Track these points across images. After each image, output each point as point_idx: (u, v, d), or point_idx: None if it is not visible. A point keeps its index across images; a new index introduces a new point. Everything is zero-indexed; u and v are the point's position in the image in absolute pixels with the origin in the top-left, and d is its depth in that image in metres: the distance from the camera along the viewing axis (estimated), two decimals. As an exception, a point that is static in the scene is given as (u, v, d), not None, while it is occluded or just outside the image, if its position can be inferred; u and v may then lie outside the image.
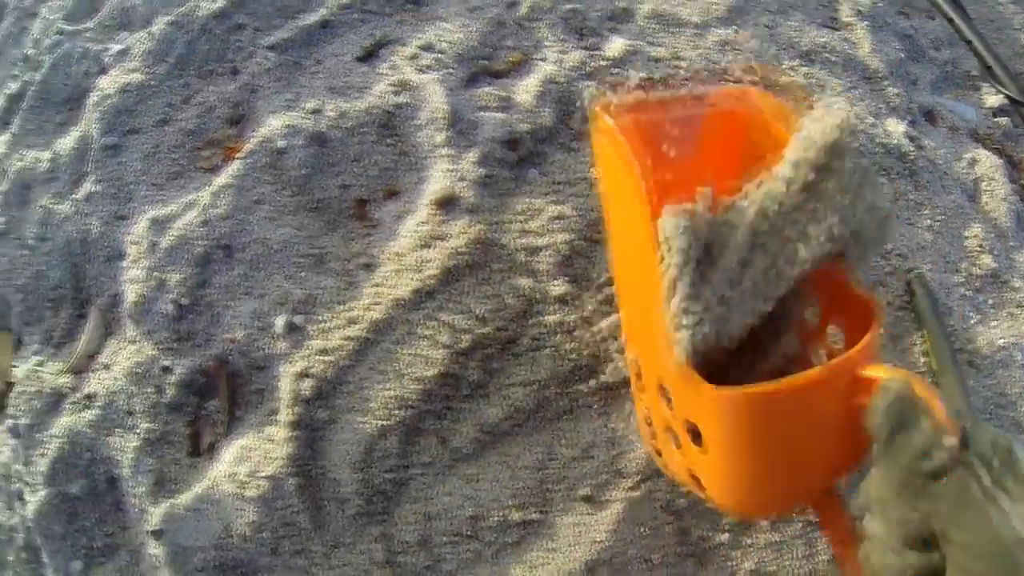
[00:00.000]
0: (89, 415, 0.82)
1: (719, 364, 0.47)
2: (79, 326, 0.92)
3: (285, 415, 0.67)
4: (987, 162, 0.98)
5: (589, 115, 0.52)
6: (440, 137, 0.78)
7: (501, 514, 0.62)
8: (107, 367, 0.84)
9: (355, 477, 0.65)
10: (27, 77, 1.16)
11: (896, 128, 0.93)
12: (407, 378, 0.64)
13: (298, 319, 0.71)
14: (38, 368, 0.89)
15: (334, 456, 0.66)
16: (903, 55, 1.08)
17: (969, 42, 0.99)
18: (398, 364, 0.66)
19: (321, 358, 0.67)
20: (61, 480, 0.83)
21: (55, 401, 0.86)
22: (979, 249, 0.88)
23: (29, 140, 1.05)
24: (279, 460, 0.67)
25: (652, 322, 0.46)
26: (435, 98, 0.80)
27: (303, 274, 0.74)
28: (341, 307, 0.70)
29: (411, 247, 0.70)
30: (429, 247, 0.69)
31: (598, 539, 0.64)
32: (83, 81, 1.07)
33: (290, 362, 0.69)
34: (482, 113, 0.80)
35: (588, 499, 0.65)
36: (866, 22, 1.06)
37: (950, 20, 1.01)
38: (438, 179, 0.74)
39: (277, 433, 0.68)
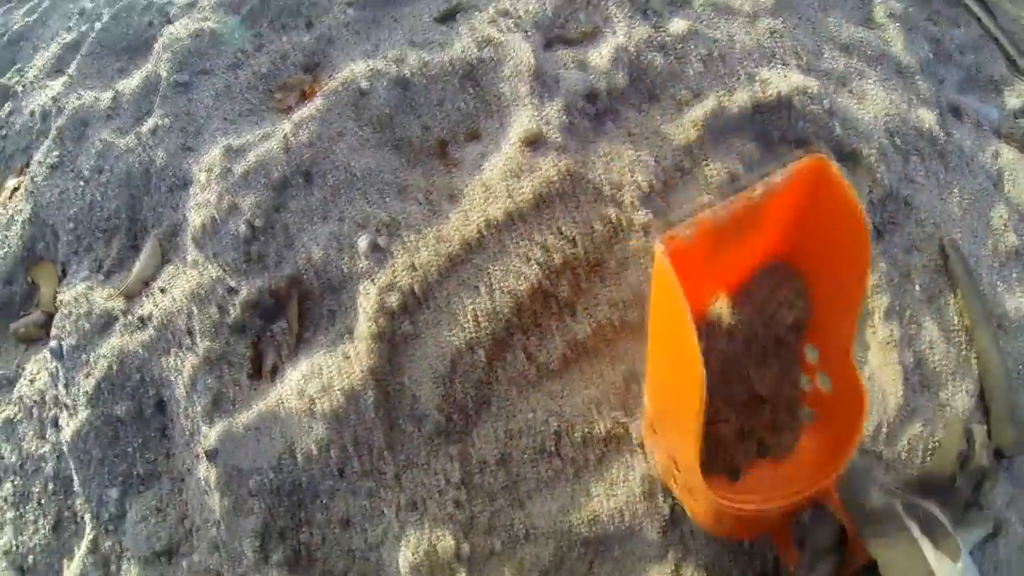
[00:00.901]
0: (143, 336, 0.80)
1: None
2: (131, 256, 0.91)
3: (367, 328, 0.67)
4: (1009, 155, 1.04)
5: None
6: (524, 88, 0.80)
7: (586, 429, 0.62)
8: (163, 291, 0.82)
9: (437, 392, 0.65)
10: (84, 28, 1.16)
11: (927, 116, 0.99)
12: (499, 292, 0.65)
13: (382, 240, 0.71)
14: (88, 292, 0.87)
15: (416, 371, 0.66)
16: (931, 56, 1.16)
17: (996, 39, 1.06)
18: (490, 279, 0.66)
19: (408, 273, 0.67)
20: (106, 401, 0.80)
21: (105, 323, 0.84)
22: (1004, 228, 0.94)
23: (88, 83, 1.05)
24: (357, 373, 0.66)
25: (678, 417, 0.53)
26: (521, 53, 0.82)
27: (387, 200, 0.74)
28: (428, 229, 0.70)
29: (500, 177, 0.72)
30: (519, 177, 0.70)
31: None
32: (146, 31, 1.08)
33: (372, 279, 0.69)
34: (562, 71, 0.83)
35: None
36: (898, 24, 1.14)
37: (979, 20, 1.08)
38: (524, 123, 0.76)
39: (355, 348, 0.67)
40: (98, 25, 1.13)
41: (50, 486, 0.85)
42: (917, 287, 0.86)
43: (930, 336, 0.82)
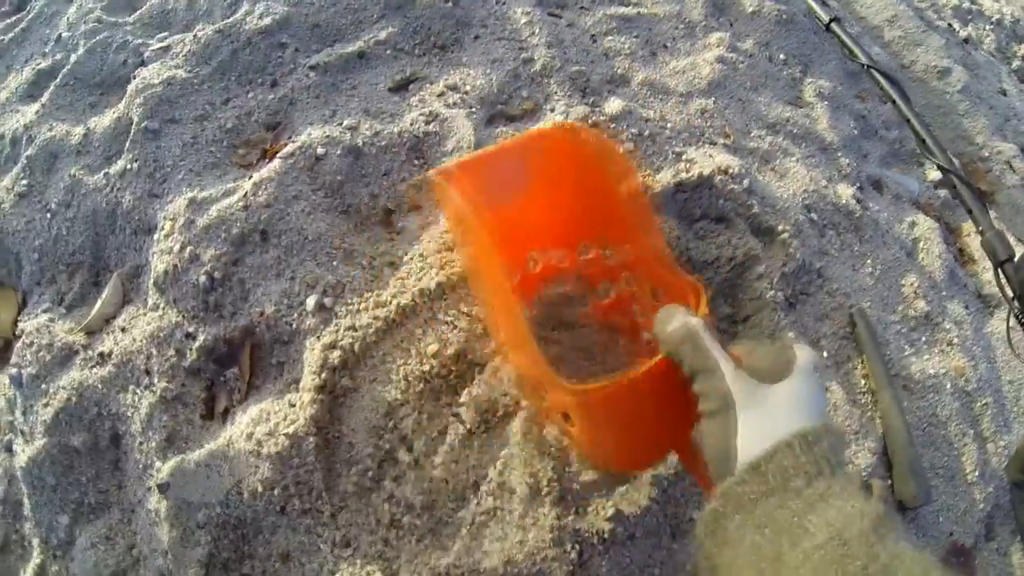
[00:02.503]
0: (102, 371, 0.85)
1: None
2: (92, 292, 0.95)
3: (311, 380, 0.73)
4: (925, 225, 1.15)
5: (431, 186, 0.60)
6: (464, 163, 0.88)
7: (501, 480, 0.70)
8: (124, 330, 0.87)
9: (371, 441, 0.72)
10: (59, 56, 1.19)
11: (845, 191, 1.09)
12: (427, 355, 0.73)
13: (328, 300, 0.77)
14: (49, 324, 0.91)
15: (353, 421, 0.72)
16: (856, 132, 1.26)
17: (908, 120, 1.17)
18: (419, 343, 0.74)
19: (349, 333, 0.74)
20: (63, 431, 0.84)
21: (66, 356, 0.88)
22: (914, 295, 1.04)
23: (60, 114, 1.08)
24: (301, 421, 0.72)
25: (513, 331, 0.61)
26: (463, 129, 0.90)
27: (334, 263, 0.81)
28: (369, 293, 0.77)
29: (435, 250, 0.79)
30: (452, 250, 0.78)
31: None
32: (119, 69, 1.12)
33: (318, 336, 0.76)
34: (501, 148, 0.91)
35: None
36: (825, 102, 1.24)
37: (893, 102, 1.19)
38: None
39: (300, 398, 0.74)
40: (73, 57, 1.16)
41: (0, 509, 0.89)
42: (825, 353, 0.95)
43: (835, 399, 0.91)
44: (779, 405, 0.40)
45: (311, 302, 0.77)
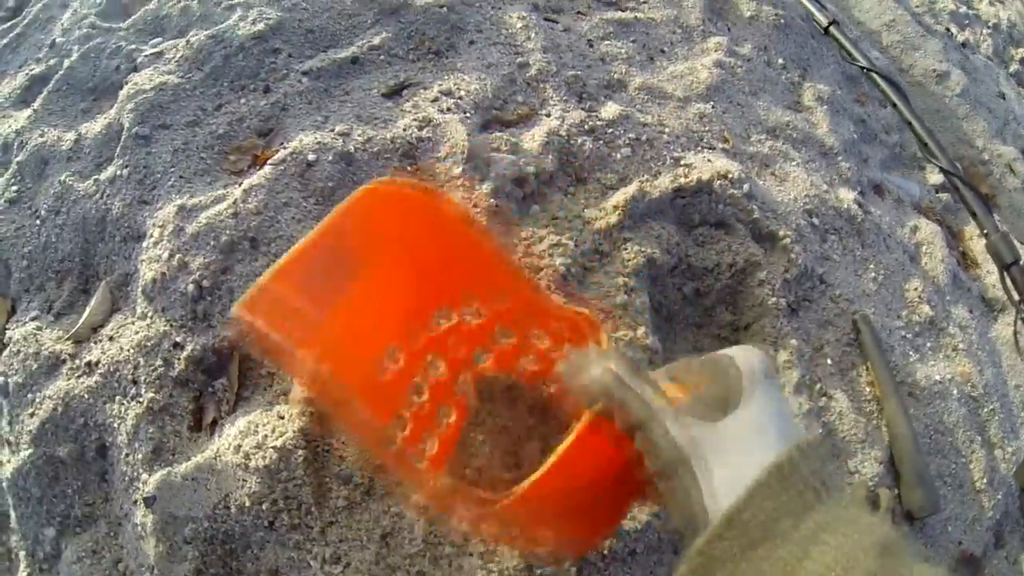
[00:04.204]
0: (89, 381, 0.82)
1: None
2: (81, 299, 0.93)
3: (300, 391, 0.71)
4: (928, 229, 1.12)
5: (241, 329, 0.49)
6: (457, 170, 0.85)
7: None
8: (112, 339, 0.85)
9: (361, 455, 0.69)
10: (52, 62, 1.17)
11: (846, 196, 1.07)
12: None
13: (319, 310, 0.75)
14: (37, 332, 0.89)
15: (343, 434, 0.70)
16: (856, 136, 1.23)
17: (909, 123, 1.14)
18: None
19: (340, 345, 0.72)
20: (49, 442, 0.82)
21: (53, 365, 0.85)
22: (918, 300, 1.02)
23: (51, 120, 1.06)
24: (289, 433, 0.70)
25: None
26: (457, 135, 0.88)
27: (326, 271, 0.78)
28: (361, 303, 0.75)
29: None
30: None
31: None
32: (112, 75, 1.10)
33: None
34: (494, 154, 0.88)
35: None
36: (825, 106, 1.21)
37: (894, 104, 1.17)
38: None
39: (288, 410, 0.72)
40: (67, 62, 1.14)
41: (-13, 521, 0.86)
42: (829, 361, 0.92)
43: (840, 407, 0.88)
44: (740, 440, 0.34)
45: (301, 311, 0.74)
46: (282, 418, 0.72)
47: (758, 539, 0.31)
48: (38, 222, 0.96)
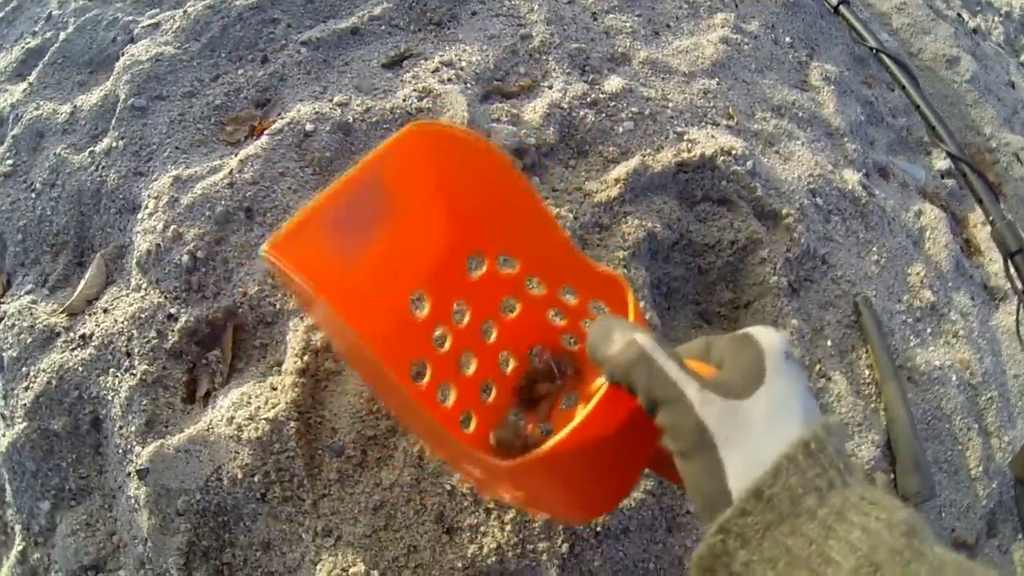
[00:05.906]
0: (83, 354, 0.81)
1: None
2: (76, 272, 0.91)
3: (293, 363, 0.69)
4: (932, 215, 1.10)
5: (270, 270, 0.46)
6: (458, 141, 0.83)
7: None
8: (106, 311, 0.83)
9: (354, 427, 0.68)
10: (49, 35, 1.15)
11: (851, 177, 1.04)
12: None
13: (314, 281, 0.73)
14: (32, 305, 0.87)
15: (336, 406, 0.68)
16: (863, 118, 1.20)
17: (917, 106, 1.12)
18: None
19: (335, 316, 0.70)
20: (44, 415, 0.80)
21: (47, 338, 0.84)
22: (920, 285, 0.99)
23: (47, 93, 1.04)
24: (282, 405, 0.68)
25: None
26: (457, 105, 0.85)
27: (321, 242, 0.77)
28: (357, 274, 0.73)
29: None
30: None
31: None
32: (109, 47, 1.08)
33: (302, 317, 0.72)
34: (495, 124, 0.86)
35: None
36: (832, 87, 1.18)
37: (903, 87, 1.14)
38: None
39: (281, 381, 0.70)
40: (62, 35, 1.12)
41: (-17, 493, 0.85)
42: (829, 342, 0.90)
43: (839, 389, 0.86)
44: (766, 420, 0.33)
45: (295, 282, 0.72)
46: (275, 389, 0.70)
47: (783, 515, 0.30)
48: (33, 195, 0.94)
